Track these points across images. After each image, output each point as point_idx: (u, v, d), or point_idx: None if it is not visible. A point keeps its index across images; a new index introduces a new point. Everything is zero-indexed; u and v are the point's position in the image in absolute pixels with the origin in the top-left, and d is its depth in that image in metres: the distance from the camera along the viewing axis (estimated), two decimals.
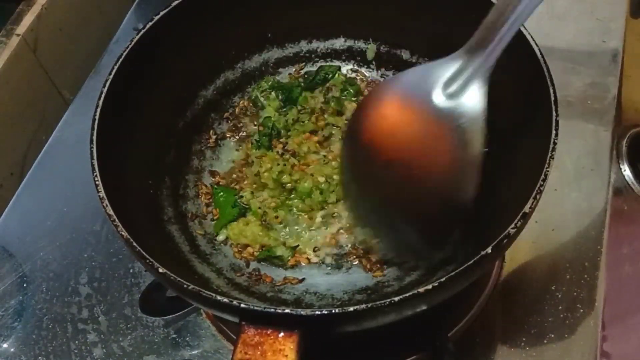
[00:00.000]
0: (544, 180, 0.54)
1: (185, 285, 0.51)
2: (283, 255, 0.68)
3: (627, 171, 0.82)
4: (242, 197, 0.72)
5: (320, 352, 0.58)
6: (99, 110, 0.61)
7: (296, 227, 0.70)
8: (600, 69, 0.87)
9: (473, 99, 0.56)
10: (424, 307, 0.52)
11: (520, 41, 0.62)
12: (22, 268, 0.78)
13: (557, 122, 0.57)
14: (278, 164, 0.71)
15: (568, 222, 0.76)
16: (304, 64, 0.80)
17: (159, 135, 0.72)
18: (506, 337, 0.69)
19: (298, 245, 0.69)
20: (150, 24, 0.67)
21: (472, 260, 0.51)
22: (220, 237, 0.70)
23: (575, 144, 0.81)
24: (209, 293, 0.51)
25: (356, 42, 0.79)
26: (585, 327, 0.69)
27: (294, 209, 0.70)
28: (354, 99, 0.77)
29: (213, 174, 0.75)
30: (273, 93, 0.77)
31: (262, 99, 0.78)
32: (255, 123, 0.78)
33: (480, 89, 0.56)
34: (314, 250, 0.69)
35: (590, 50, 0.88)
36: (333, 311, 0.49)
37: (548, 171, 0.55)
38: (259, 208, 0.70)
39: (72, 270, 0.78)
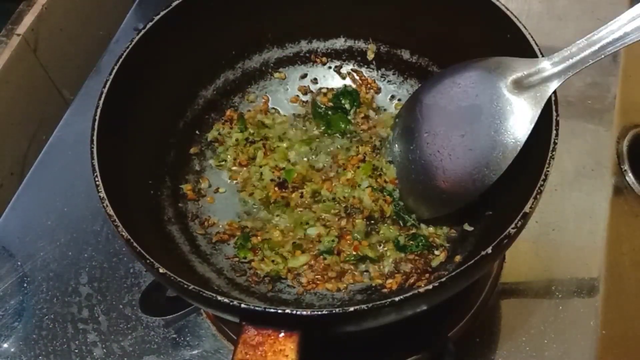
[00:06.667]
0: (544, 180, 0.54)
1: (185, 286, 0.51)
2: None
3: (627, 171, 0.82)
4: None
5: (321, 352, 0.58)
6: (99, 110, 0.61)
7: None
8: (600, 69, 0.87)
9: (533, 99, 0.59)
10: (424, 307, 0.52)
11: (520, 41, 0.62)
12: (22, 268, 0.78)
13: (557, 122, 0.57)
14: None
15: (568, 222, 0.76)
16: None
17: (159, 135, 0.72)
18: (506, 337, 0.69)
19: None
20: (150, 24, 0.67)
21: (472, 260, 0.51)
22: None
23: (575, 144, 0.81)
24: (210, 293, 0.51)
25: (356, 42, 0.79)
26: (585, 327, 0.69)
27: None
28: None
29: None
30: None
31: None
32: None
33: (542, 93, 0.58)
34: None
35: None
36: (333, 311, 0.49)
37: (548, 171, 0.55)
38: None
39: (72, 270, 0.78)
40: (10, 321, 0.75)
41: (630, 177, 0.81)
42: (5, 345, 0.73)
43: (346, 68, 0.80)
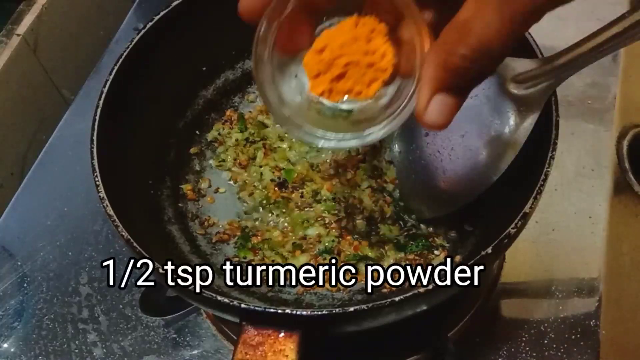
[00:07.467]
0: (544, 180, 0.54)
1: None
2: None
3: (627, 171, 0.82)
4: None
5: (321, 352, 0.58)
6: (99, 110, 0.61)
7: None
8: (600, 69, 0.87)
9: (533, 99, 0.58)
10: (424, 307, 0.52)
11: (520, 41, 0.62)
12: (22, 268, 0.78)
13: (557, 122, 0.57)
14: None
15: (568, 222, 0.76)
16: None
17: (159, 135, 0.72)
18: (506, 337, 0.69)
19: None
20: (150, 24, 0.67)
21: (472, 260, 0.51)
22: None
23: (575, 144, 0.81)
24: (210, 293, 0.51)
25: None
26: (585, 327, 0.69)
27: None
28: None
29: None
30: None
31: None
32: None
33: (542, 93, 0.57)
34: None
35: None
36: (333, 311, 0.49)
37: (548, 171, 0.55)
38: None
39: (72, 270, 0.78)
40: (10, 321, 0.75)
41: (630, 177, 0.81)
42: (5, 345, 0.73)
43: None
